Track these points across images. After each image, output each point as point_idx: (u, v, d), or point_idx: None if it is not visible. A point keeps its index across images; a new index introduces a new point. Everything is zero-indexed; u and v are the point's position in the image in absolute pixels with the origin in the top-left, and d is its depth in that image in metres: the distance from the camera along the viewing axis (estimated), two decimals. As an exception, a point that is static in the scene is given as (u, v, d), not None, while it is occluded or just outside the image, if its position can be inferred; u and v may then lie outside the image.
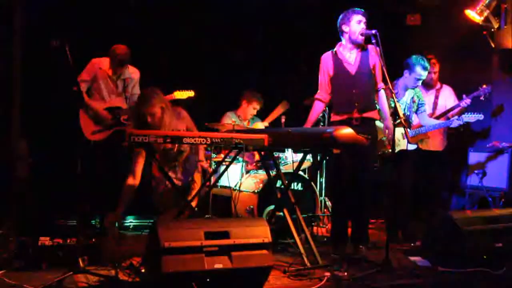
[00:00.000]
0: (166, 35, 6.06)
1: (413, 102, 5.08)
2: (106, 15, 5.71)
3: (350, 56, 4.43)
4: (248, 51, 6.65)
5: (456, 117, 5.15)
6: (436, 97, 5.62)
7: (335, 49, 4.49)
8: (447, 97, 5.67)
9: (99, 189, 5.03)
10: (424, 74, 4.90)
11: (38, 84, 5.19)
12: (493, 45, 5.90)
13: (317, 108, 4.60)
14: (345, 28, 4.40)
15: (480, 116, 5.14)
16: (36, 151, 5.19)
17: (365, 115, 4.37)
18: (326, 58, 4.51)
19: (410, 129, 5.10)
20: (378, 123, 4.61)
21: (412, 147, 5.06)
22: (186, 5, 6.15)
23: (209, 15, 6.32)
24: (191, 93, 5.13)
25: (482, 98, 5.44)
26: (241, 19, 6.46)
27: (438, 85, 5.64)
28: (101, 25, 5.63)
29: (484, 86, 5.40)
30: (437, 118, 5.54)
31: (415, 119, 5.20)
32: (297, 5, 6.53)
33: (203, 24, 6.28)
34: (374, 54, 4.37)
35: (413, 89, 5.05)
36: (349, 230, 4.64)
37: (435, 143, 5.50)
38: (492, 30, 5.84)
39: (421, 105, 5.14)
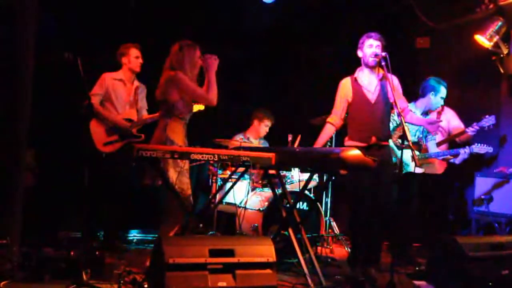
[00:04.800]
0: (166, 36, 6.08)
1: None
2: (106, 17, 5.73)
3: (370, 83, 4.43)
4: (247, 52, 6.69)
5: (467, 148, 5.12)
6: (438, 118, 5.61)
7: (354, 74, 4.49)
8: (451, 119, 5.63)
9: (106, 201, 5.03)
10: (446, 93, 5.11)
11: (48, 94, 5.21)
12: (502, 71, 5.91)
13: (328, 132, 4.61)
14: (359, 53, 4.45)
15: (490, 149, 5.15)
16: (43, 161, 5.20)
17: (382, 143, 4.37)
18: (345, 84, 4.51)
19: (420, 152, 5.14)
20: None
21: (419, 170, 5.06)
22: (186, 5, 6.17)
23: (209, 16, 6.36)
24: (201, 106, 5.08)
25: (486, 128, 5.39)
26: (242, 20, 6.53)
27: (440, 108, 5.63)
28: (102, 27, 5.66)
29: (487, 116, 5.33)
30: (441, 143, 5.52)
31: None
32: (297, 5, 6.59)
33: (203, 24, 6.31)
34: (393, 85, 4.30)
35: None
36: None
37: (435, 167, 5.47)
38: (501, 56, 5.84)
39: (429, 132, 5.20)
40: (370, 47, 4.38)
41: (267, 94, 6.84)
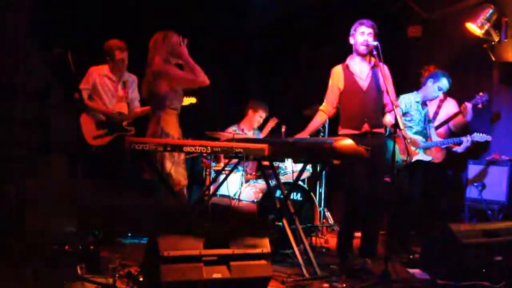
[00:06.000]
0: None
1: (427, 116, 5.18)
2: (105, 16, 5.71)
3: (362, 71, 4.41)
4: (248, 52, 6.66)
5: (469, 136, 5.17)
6: (439, 107, 5.65)
7: (346, 62, 4.47)
8: (450, 108, 5.68)
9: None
10: (446, 87, 5.09)
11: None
12: (493, 58, 5.91)
13: (319, 119, 4.58)
14: (351, 40, 4.41)
15: (489, 137, 5.18)
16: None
17: (375, 130, 4.37)
18: (337, 72, 4.47)
19: (426, 141, 5.18)
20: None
21: (428, 158, 5.13)
22: (186, 5, 6.16)
23: (210, 16, 6.35)
24: (193, 100, 5.06)
25: (480, 106, 5.45)
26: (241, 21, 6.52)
27: (442, 97, 5.66)
28: (101, 26, 5.63)
29: (481, 94, 5.42)
30: (437, 127, 5.56)
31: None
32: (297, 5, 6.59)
33: (203, 25, 6.29)
34: (385, 74, 4.27)
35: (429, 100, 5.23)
36: (355, 241, 4.60)
37: (436, 156, 5.51)
38: (493, 43, 5.85)
39: (431, 121, 5.30)
40: (362, 34, 4.34)
41: (267, 94, 6.82)
